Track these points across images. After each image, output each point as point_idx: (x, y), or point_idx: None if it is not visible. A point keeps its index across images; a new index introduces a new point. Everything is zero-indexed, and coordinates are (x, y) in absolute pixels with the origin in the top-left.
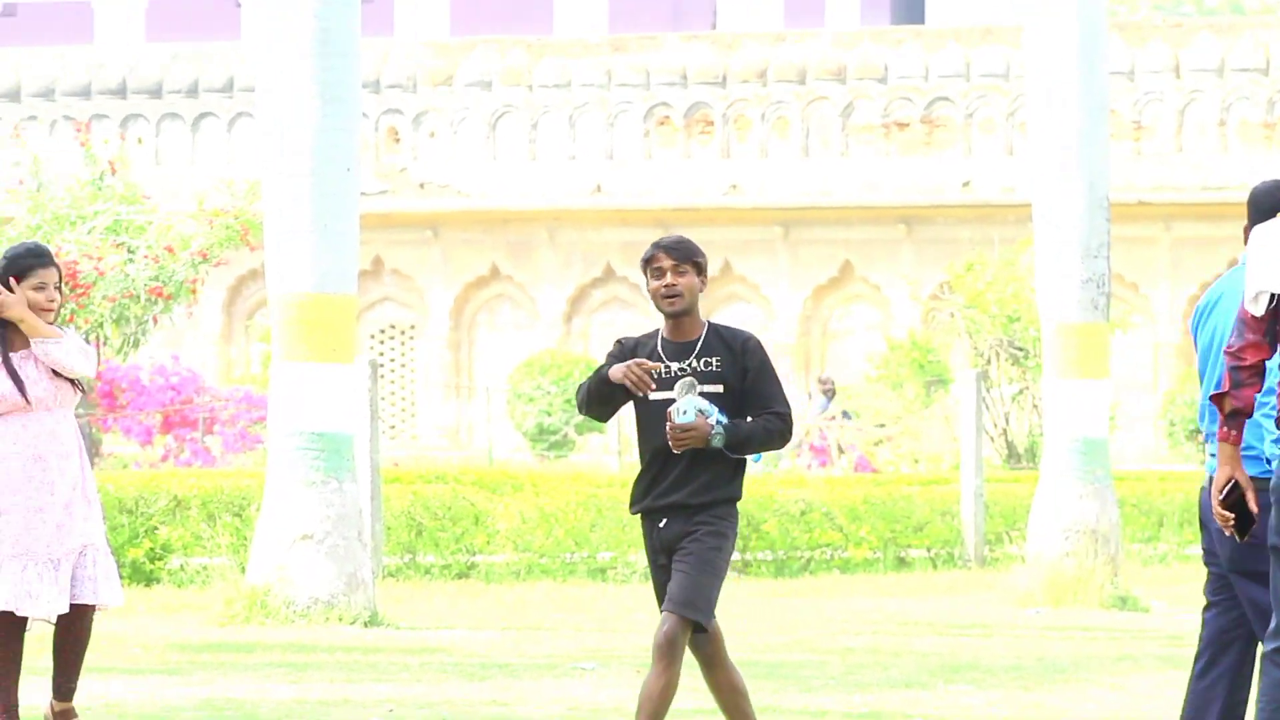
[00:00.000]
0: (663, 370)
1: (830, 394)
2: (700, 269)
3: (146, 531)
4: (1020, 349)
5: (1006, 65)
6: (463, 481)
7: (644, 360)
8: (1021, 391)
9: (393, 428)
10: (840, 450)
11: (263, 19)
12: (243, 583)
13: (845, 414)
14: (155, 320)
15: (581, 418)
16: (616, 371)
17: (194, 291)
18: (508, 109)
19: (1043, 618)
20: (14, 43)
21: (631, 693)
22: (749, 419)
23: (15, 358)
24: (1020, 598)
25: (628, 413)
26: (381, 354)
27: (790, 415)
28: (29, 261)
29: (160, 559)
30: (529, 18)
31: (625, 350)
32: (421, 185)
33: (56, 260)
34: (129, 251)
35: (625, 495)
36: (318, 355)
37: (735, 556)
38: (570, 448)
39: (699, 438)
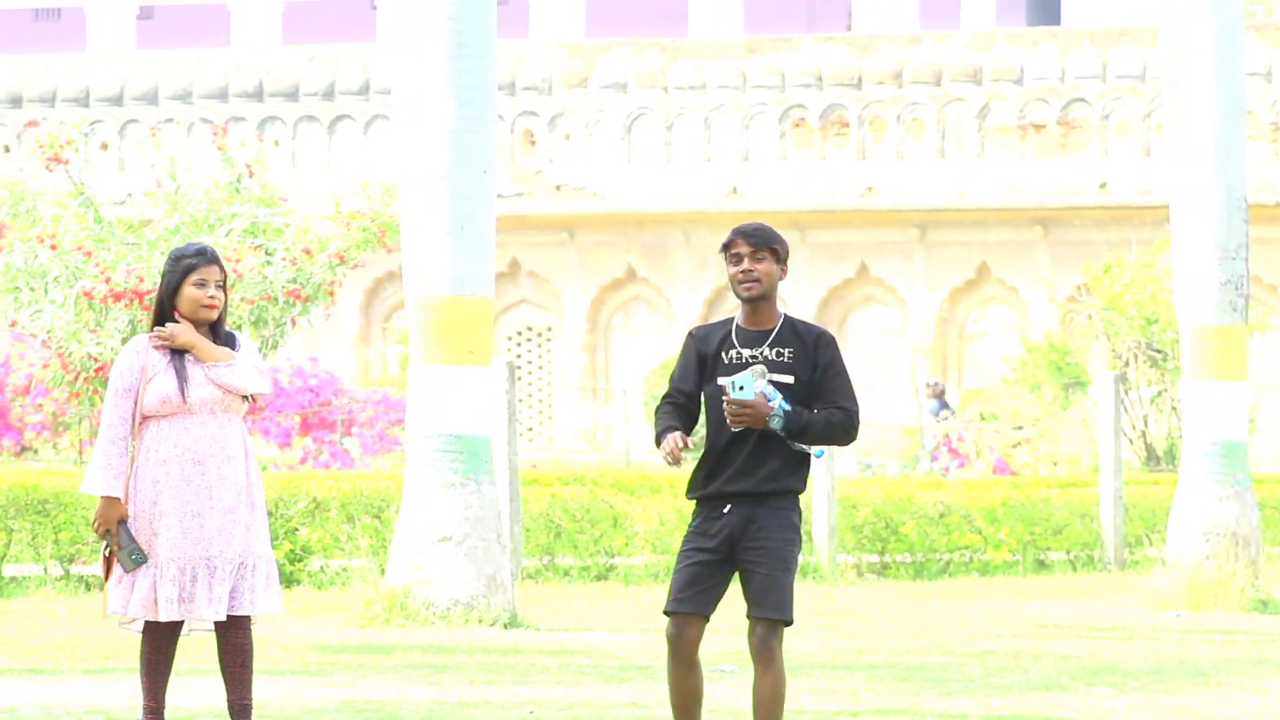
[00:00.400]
0: (734, 357)
1: (940, 397)
2: (779, 257)
3: (286, 533)
4: (1158, 351)
5: (1143, 66)
6: (600, 484)
7: (679, 440)
8: (1160, 394)
9: (530, 430)
10: (977, 452)
11: (398, 21)
12: (382, 584)
13: (944, 404)
14: (293, 322)
15: None
16: (664, 449)
17: (331, 294)
18: (643, 111)
19: (1183, 621)
20: (151, 45)
21: None
22: (808, 410)
23: (187, 359)
24: (1160, 601)
25: None
26: (518, 356)
27: (857, 413)
28: (191, 260)
29: (300, 561)
30: (664, 19)
31: (697, 339)
32: (557, 187)
33: (221, 259)
34: (267, 254)
35: None
36: (455, 358)
37: (873, 559)
38: None
39: (757, 417)
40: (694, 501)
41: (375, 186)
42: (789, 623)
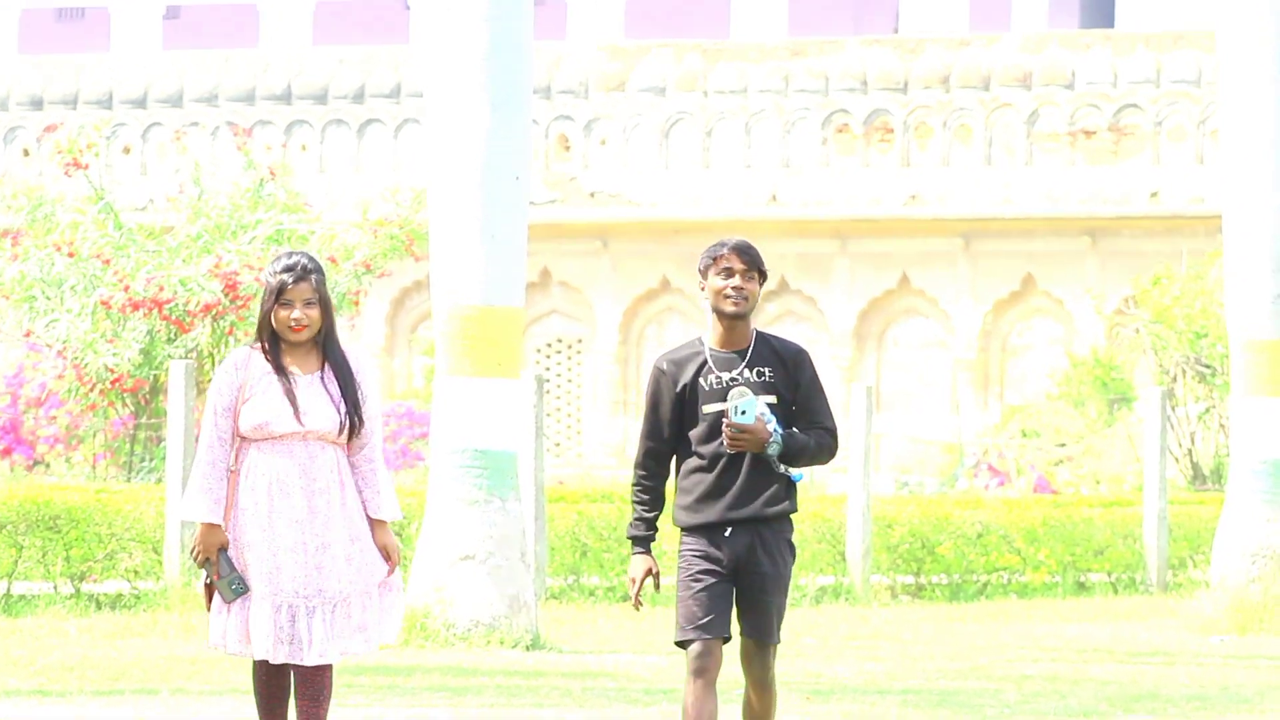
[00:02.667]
0: (714, 381)
1: None
2: (764, 278)
3: None
4: (1207, 366)
5: (1198, 71)
6: (629, 501)
7: (639, 588)
8: (1208, 410)
9: (558, 445)
10: (1018, 470)
11: (432, 22)
12: (403, 603)
13: None
14: None
15: None
16: (633, 574)
17: (356, 303)
18: (682, 116)
19: (1227, 646)
20: (177, 46)
21: (802, 719)
22: (798, 432)
23: (293, 374)
24: (1204, 625)
25: None
26: (548, 369)
27: (836, 432)
28: (281, 277)
29: None
30: (705, 21)
31: (669, 374)
32: (592, 194)
33: (317, 269)
34: None
35: (797, 515)
36: (483, 370)
37: (909, 580)
38: None
39: (755, 441)
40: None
41: (404, 192)
42: (777, 643)
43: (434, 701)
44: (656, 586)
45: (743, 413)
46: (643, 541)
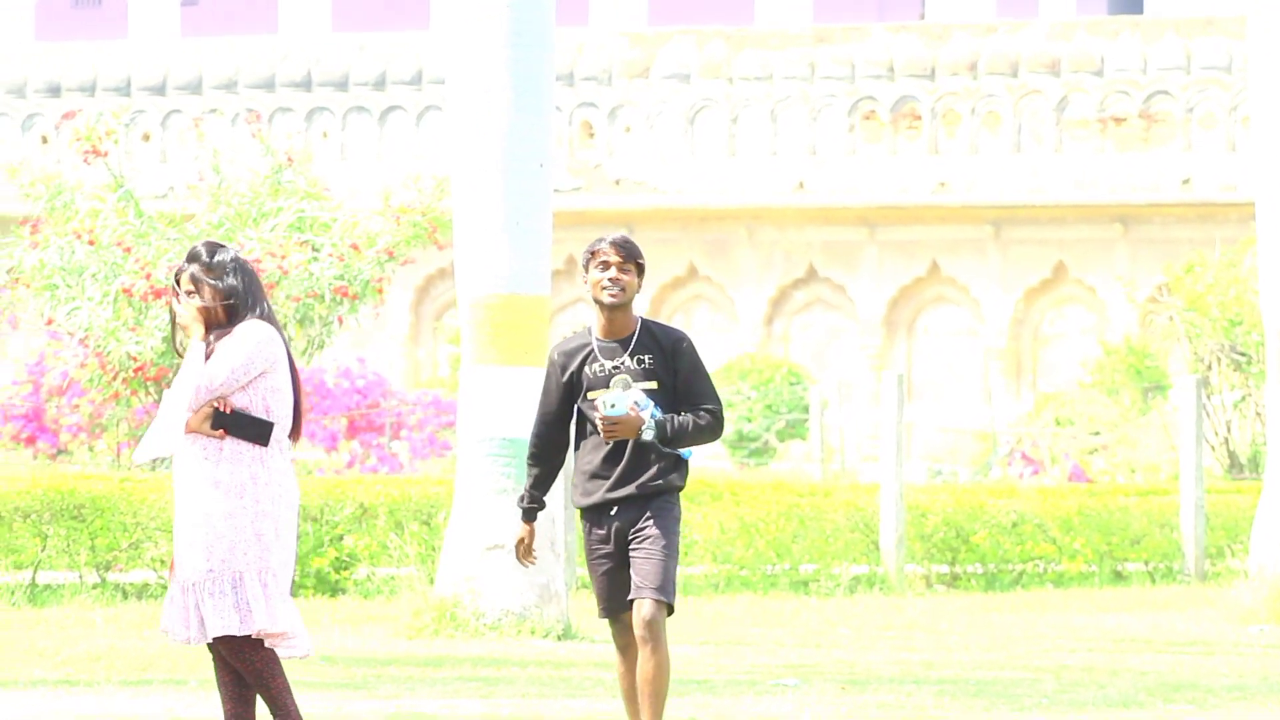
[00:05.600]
0: (598, 370)
1: None
2: (641, 270)
3: (332, 540)
4: (1243, 354)
5: (1229, 57)
6: None
7: (526, 553)
8: (1244, 399)
9: None
10: (1052, 459)
11: (454, 8)
12: (431, 594)
13: None
14: (340, 321)
15: (784, 423)
16: (511, 538)
17: (380, 291)
18: (707, 103)
19: (1266, 635)
20: (196, 33)
21: (835, 712)
22: (677, 416)
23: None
24: (1242, 614)
25: (831, 420)
26: None
27: (721, 411)
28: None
29: (346, 569)
30: (729, 7)
31: (559, 361)
32: (616, 182)
33: (203, 258)
34: (313, 249)
35: (830, 505)
36: (509, 358)
37: (943, 569)
38: (771, 455)
39: (628, 429)
40: (580, 510)
41: (427, 180)
42: (672, 609)
43: (465, 692)
44: (527, 552)
45: (612, 405)
46: (528, 513)
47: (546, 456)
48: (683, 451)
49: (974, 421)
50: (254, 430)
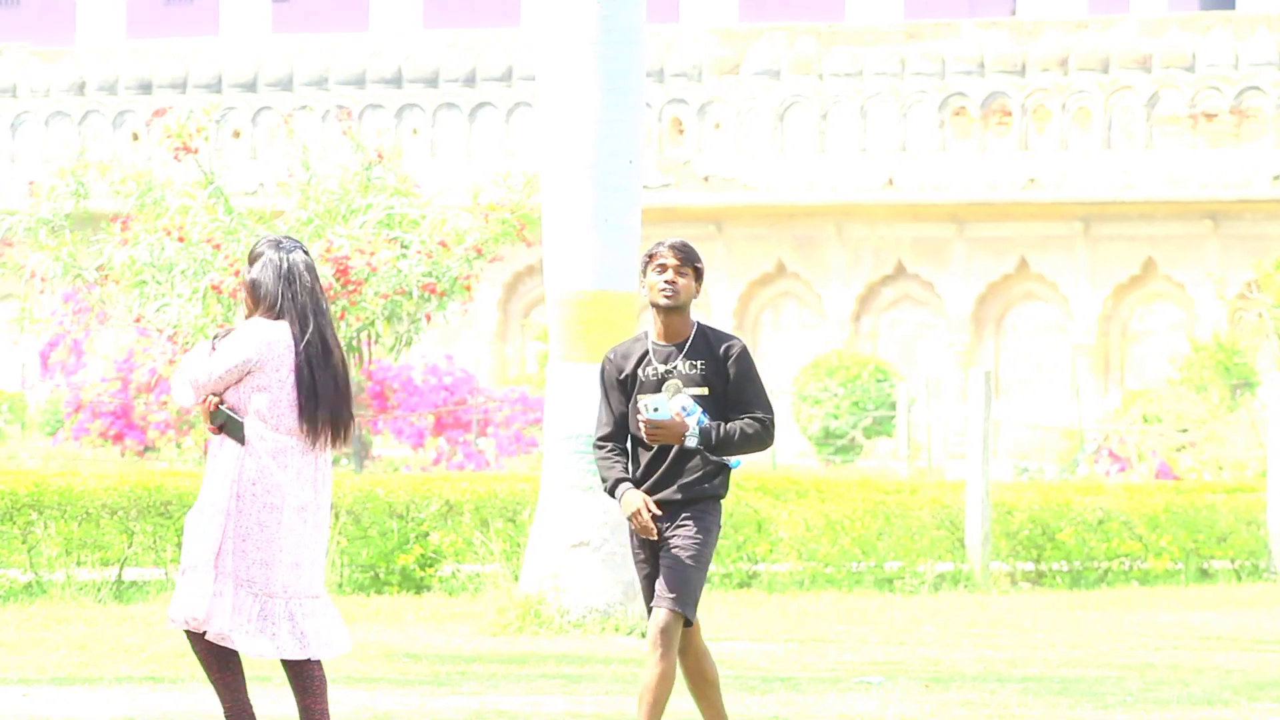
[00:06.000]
0: (650, 373)
1: None
2: (699, 275)
3: (417, 537)
4: None
5: None
6: (745, 487)
7: (647, 512)
8: None
9: None
10: (1139, 456)
11: (544, 5)
12: (516, 591)
13: None
14: (428, 318)
15: (870, 420)
16: (628, 511)
17: (468, 288)
18: (796, 99)
19: None
20: (287, 30)
21: (919, 710)
22: (725, 424)
23: None
24: None
25: (918, 417)
26: None
27: (772, 420)
28: None
29: (431, 566)
30: (820, 4)
31: (614, 362)
32: (706, 178)
33: (257, 248)
34: (402, 246)
35: (916, 503)
36: (596, 355)
37: (1029, 567)
38: (857, 452)
39: (672, 435)
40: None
41: (516, 177)
42: (689, 622)
43: (549, 689)
44: (655, 514)
45: (655, 409)
46: (623, 481)
47: (617, 449)
48: (729, 460)
49: (1061, 418)
50: (234, 429)
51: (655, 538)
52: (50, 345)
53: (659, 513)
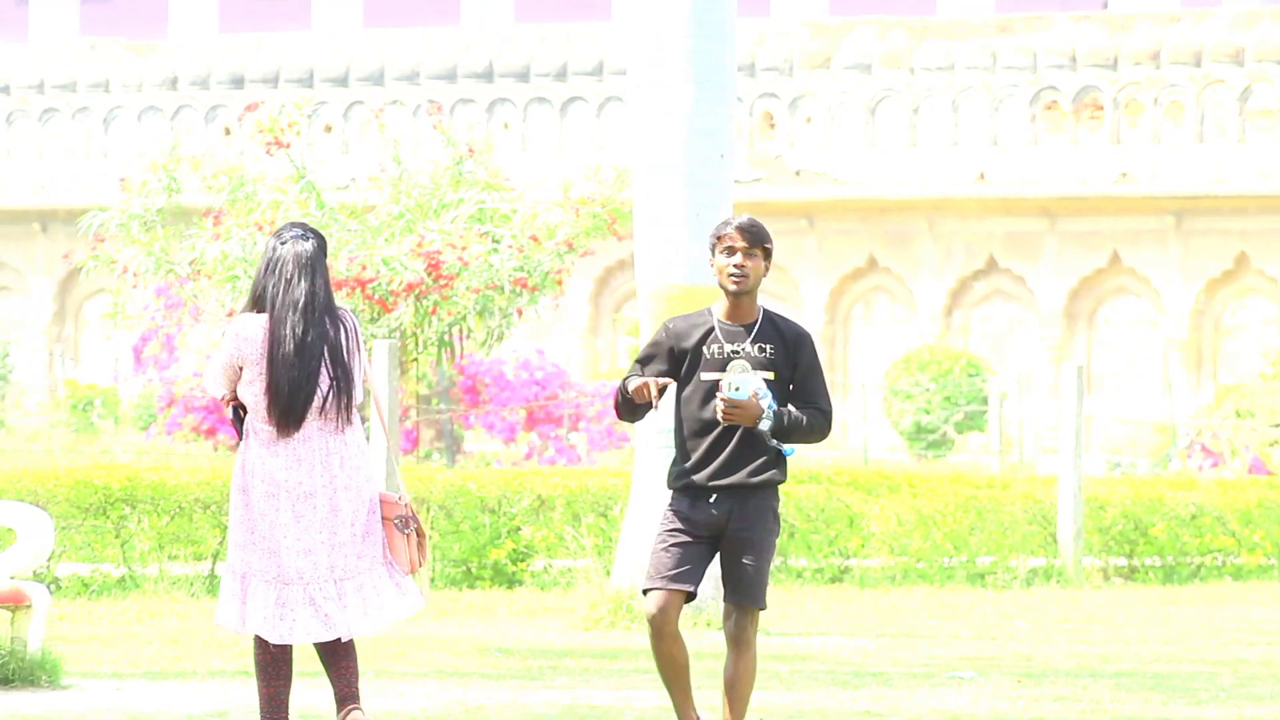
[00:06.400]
0: (716, 350)
1: None
2: (768, 255)
3: (509, 532)
4: None
5: None
6: (837, 482)
7: (653, 380)
8: None
9: None
10: (1233, 451)
11: None
12: (607, 586)
13: None
14: (520, 312)
15: (962, 415)
16: (636, 384)
17: (560, 283)
18: (888, 93)
19: None
20: (378, 24)
21: (1012, 705)
22: (793, 409)
23: None
24: None
25: (1010, 411)
26: None
27: (831, 414)
28: None
29: (523, 560)
30: None
31: (672, 334)
32: (797, 173)
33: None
34: (493, 241)
35: (1008, 497)
36: None
37: (1121, 562)
38: (949, 447)
39: (749, 416)
40: (674, 490)
41: (607, 171)
42: (762, 608)
43: (639, 684)
44: (661, 391)
45: (736, 389)
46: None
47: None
48: (785, 448)
49: (1153, 413)
50: (236, 422)
51: (645, 403)
52: (143, 340)
53: (662, 385)
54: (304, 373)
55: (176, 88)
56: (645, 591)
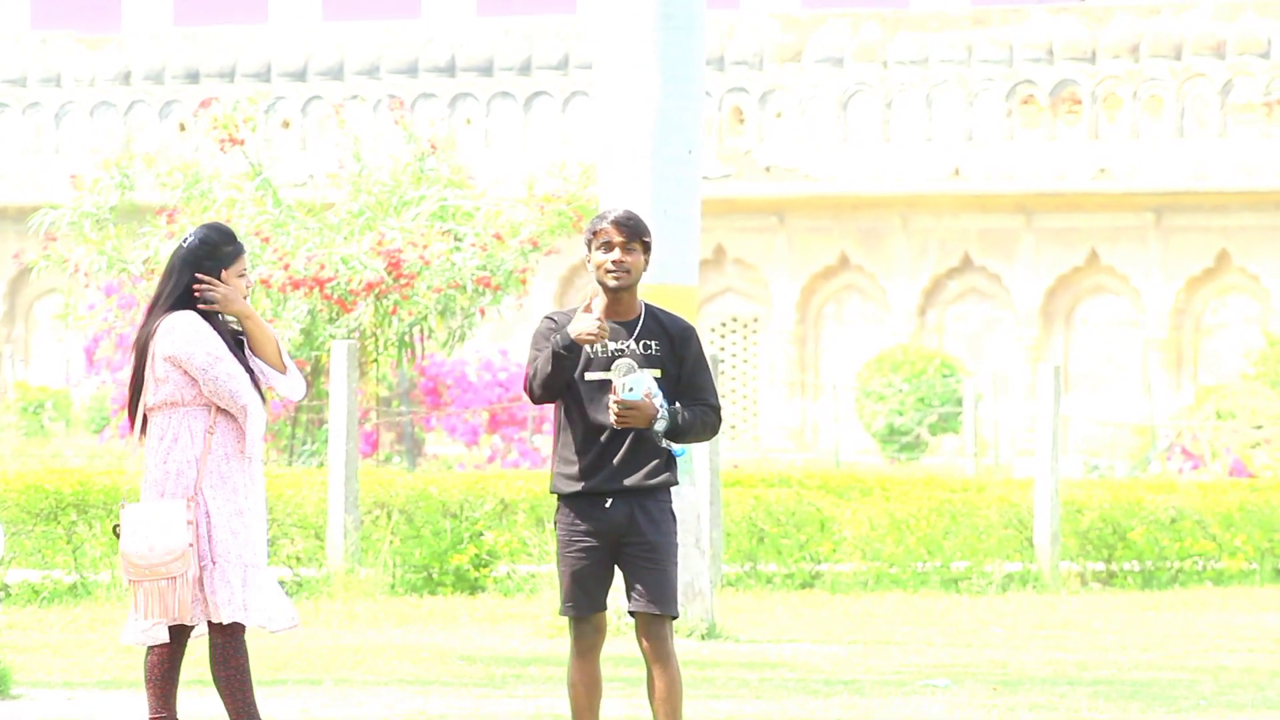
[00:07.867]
0: (599, 350)
1: None
2: (647, 249)
3: (471, 537)
4: None
5: None
6: (807, 485)
7: (604, 322)
8: None
9: (733, 428)
10: (1213, 453)
11: None
12: None
13: None
14: (482, 312)
15: (936, 416)
16: (579, 328)
17: (524, 282)
18: (860, 87)
19: None
20: (338, 18)
21: (987, 714)
22: (682, 407)
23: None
24: None
25: (985, 413)
26: (722, 349)
27: (720, 409)
28: (233, 248)
29: (485, 566)
30: None
31: (559, 326)
32: (767, 169)
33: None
34: (455, 239)
35: (983, 501)
36: None
37: (1099, 567)
38: (922, 450)
39: (643, 417)
40: (556, 496)
41: (572, 167)
42: (676, 616)
43: (606, 692)
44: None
45: (630, 389)
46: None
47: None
48: (675, 448)
49: (1132, 415)
50: None
51: (602, 339)
52: (95, 341)
53: (601, 330)
54: (142, 362)
55: (130, 82)
56: (568, 617)
